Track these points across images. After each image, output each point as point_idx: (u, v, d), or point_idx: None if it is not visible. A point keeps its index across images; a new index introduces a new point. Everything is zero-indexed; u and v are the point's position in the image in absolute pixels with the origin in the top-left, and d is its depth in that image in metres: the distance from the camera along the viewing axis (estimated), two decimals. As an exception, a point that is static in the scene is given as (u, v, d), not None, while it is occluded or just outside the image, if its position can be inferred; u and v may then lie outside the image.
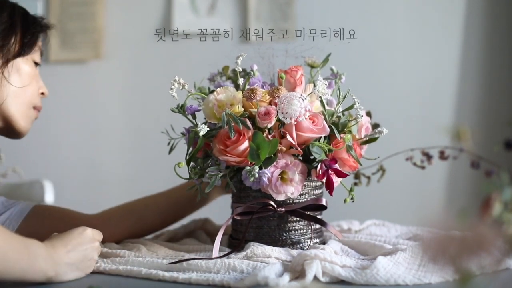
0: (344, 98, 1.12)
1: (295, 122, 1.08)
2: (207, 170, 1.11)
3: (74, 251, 1.00)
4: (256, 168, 1.06)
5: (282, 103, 1.07)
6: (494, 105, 2.35)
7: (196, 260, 1.03)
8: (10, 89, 1.19)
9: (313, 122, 1.10)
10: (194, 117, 1.17)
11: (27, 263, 0.93)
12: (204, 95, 1.16)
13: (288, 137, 1.08)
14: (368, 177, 1.33)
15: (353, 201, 1.14)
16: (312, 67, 1.25)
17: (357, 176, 1.33)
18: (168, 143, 1.25)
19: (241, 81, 1.18)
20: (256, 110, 1.09)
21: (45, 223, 1.21)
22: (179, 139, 1.25)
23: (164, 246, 1.19)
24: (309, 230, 1.16)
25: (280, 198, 1.09)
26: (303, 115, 1.07)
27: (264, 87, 1.18)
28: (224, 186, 1.15)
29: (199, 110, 1.16)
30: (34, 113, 1.26)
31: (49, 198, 1.86)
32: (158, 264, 1.05)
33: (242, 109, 1.10)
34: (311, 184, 1.15)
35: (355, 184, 1.31)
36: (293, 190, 1.09)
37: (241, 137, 1.08)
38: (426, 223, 0.65)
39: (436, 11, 2.37)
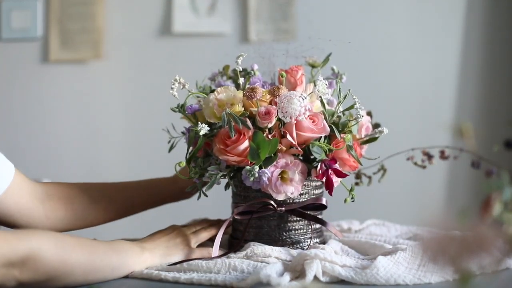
0: (344, 97, 1.12)
1: (295, 121, 1.08)
2: (207, 170, 1.11)
3: (160, 239, 1.11)
4: (256, 168, 1.06)
5: (282, 102, 1.07)
6: (494, 105, 2.35)
7: (196, 260, 1.03)
8: None
9: (313, 122, 1.10)
10: (195, 116, 1.17)
11: (117, 261, 1.00)
12: (204, 95, 1.16)
13: (288, 136, 1.08)
14: (369, 177, 1.33)
15: (353, 201, 1.14)
16: (312, 66, 1.25)
17: (358, 176, 1.33)
18: (169, 142, 1.25)
19: (241, 80, 1.18)
20: (256, 109, 1.09)
21: None
22: (179, 138, 1.25)
23: (164, 246, 1.19)
24: (309, 230, 1.16)
25: (280, 197, 1.09)
26: (303, 114, 1.07)
27: (265, 86, 1.18)
28: (225, 185, 1.15)
29: (199, 110, 1.16)
30: None
31: (49, 198, 1.86)
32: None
33: (243, 109, 1.10)
34: (311, 183, 1.15)
35: (356, 184, 1.31)
36: (293, 190, 1.09)
37: (241, 136, 1.08)
38: (426, 223, 0.65)
39: (436, 11, 2.37)
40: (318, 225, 1.18)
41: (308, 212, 1.15)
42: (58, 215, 1.19)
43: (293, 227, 1.15)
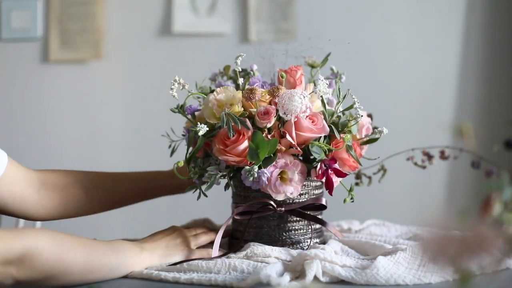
0: (344, 97, 1.12)
1: (295, 119, 1.08)
2: (207, 170, 1.11)
3: (160, 240, 1.10)
4: (256, 168, 1.06)
5: (283, 99, 1.07)
6: (494, 105, 2.35)
7: (196, 261, 1.03)
8: None
9: (312, 122, 1.10)
10: (194, 117, 1.17)
11: (116, 261, 1.00)
12: (204, 95, 1.16)
13: (288, 136, 1.08)
14: (369, 177, 1.33)
15: (353, 201, 1.14)
16: (312, 67, 1.25)
17: (358, 176, 1.33)
18: (169, 146, 1.25)
19: (241, 81, 1.18)
20: (255, 109, 1.09)
21: None
22: (180, 141, 1.25)
23: (164, 246, 1.19)
24: (309, 230, 1.16)
25: (280, 197, 1.09)
26: (303, 112, 1.07)
27: (264, 87, 1.18)
28: (224, 186, 1.15)
29: (199, 110, 1.16)
30: None
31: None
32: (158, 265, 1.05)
33: (242, 109, 1.10)
34: (311, 184, 1.15)
35: (357, 184, 1.31)
36: (292, 190, 1.09)
37: (241, 136, 1.08)
38: (426, 223, 0.65)
39: (436, 11, 2.37)
40: (318, 225, 1.18)
41: (308, 212, 1.15)
42: (53, 203, 1.19)
43: (293, 227, 1.15)
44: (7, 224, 1.89)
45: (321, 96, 1.11)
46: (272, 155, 1.08)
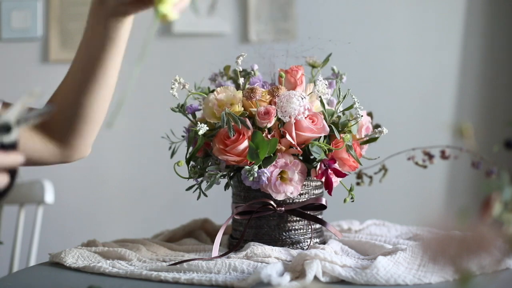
0: (344, 98, 1.13)
1: (294, 121, 1.08)
2: (206, 170, 1.11)
3: None
4: (255, 168, 1.06)
5: (281, 101, 1.08)
6: (494, 105, 2.35)
7: (196, 261, 1.03)
8: None
9: (312, 122, 1.10)
10: (194, 116, 1.17)
11: None
12: (204, 95, 1.16)
13: (288, 136, 1.08)
14: (370, 177, 1.33)
15: (353, 201, 1.14)
16: (313, 67, 1.25)
17: (359, 176, 1.33)
18: (169, 148, 1.25)
19: (241, 80, 1.18)
20: (256, 109, 1.09)
21: None
22: (180, 142, 1.25)
23: (164, 246, 1.19)
24: (309, 230, 1.16)
25: (280, 197, 1.09)
26: (302, 113, 1.07)
27: (265, 86, 1.18)
28: (224, 185, 1.15)
29: (199, 110, 1.16)
30: None
31: (49, 198, 1.86)
32: (158, 265, 1.05)
33: (242, 109, 1.10)
34: (311, 183, 1.15)
35: (358, 184, 1.31)
36: (292, 190, 1.09)
37: (241, 136, 1.08)
38: (426, 223, 0.65)
39: (436, 11, 2.37)
40: (318, 225, 1.18)
41: (308, 212, 1.15)
42: None
43: (293, 227, 1.15)
44: (9, 215, 1.89)
45: (320, 97, 1.11)
46: (272, 155, 1.08)
